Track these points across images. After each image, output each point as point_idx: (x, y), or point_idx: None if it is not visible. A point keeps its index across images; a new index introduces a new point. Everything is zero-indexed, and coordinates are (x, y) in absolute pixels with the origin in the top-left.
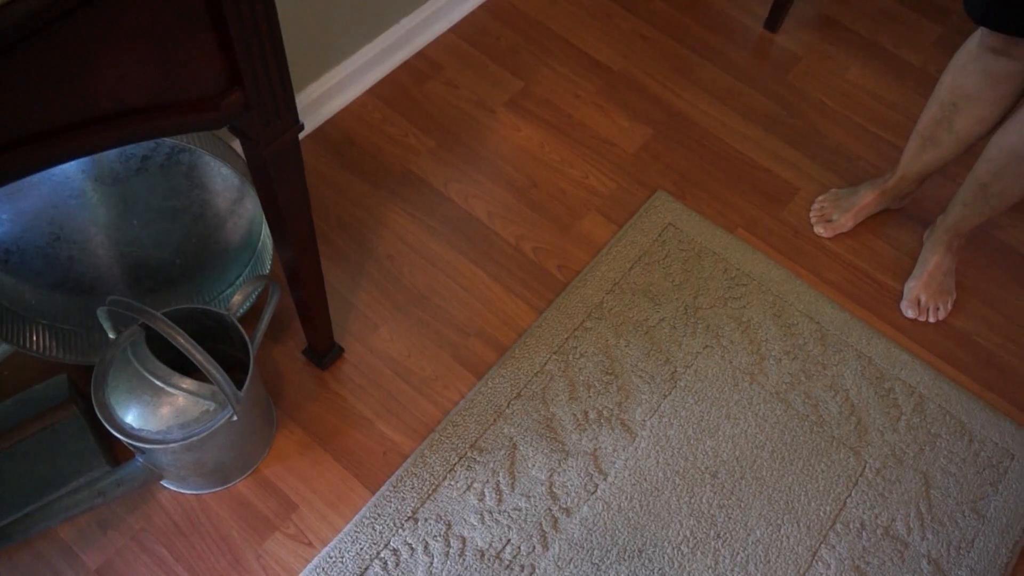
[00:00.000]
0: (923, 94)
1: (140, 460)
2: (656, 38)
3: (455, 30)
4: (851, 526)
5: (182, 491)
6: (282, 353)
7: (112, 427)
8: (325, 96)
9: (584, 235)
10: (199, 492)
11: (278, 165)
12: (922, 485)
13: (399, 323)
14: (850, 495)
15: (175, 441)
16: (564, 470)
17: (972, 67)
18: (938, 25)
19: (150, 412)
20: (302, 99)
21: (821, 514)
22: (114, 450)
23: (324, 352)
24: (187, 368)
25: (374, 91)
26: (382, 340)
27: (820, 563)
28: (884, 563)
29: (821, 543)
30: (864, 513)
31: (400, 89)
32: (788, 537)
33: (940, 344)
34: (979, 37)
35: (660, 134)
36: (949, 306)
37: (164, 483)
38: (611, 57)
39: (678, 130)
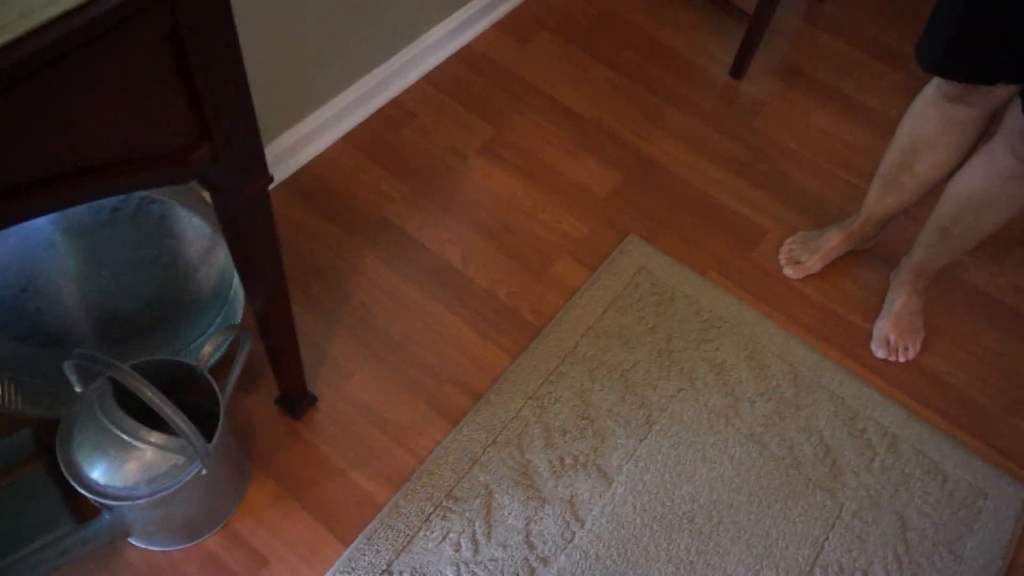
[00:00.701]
0: (885, 137)
1: (107, 517)
2: (626, 86)
3: (428, 79)
4: (829, 570)
5: (150, 547)
6: (254, 402)
7: (78, 483)
8: (299, 144)
9: (557, 279)
10: (167, 549)
11: (247, 216)
12: (899, 527)
13: (373, 370)
14: (828, 538)
15: (142, 497)
16: (541, 518)
17: (930, 113)
18: (898, 72)
19: (116, 467)
20: (276, 147)
21: (799, 558)
22: (80, 506)
23: (297, 401)
24: (156, 421)
25: (348, 138)
26: (356, 388)
27: None
28: None
29: None
30: (842, 556)
31: (374, 136)
32: None
33: (911, 383)
34: (936, 84)
35: (631, 179)
36: (918, 345)
37: (131, 540)
38: (582, 104)
39: (648, 175)
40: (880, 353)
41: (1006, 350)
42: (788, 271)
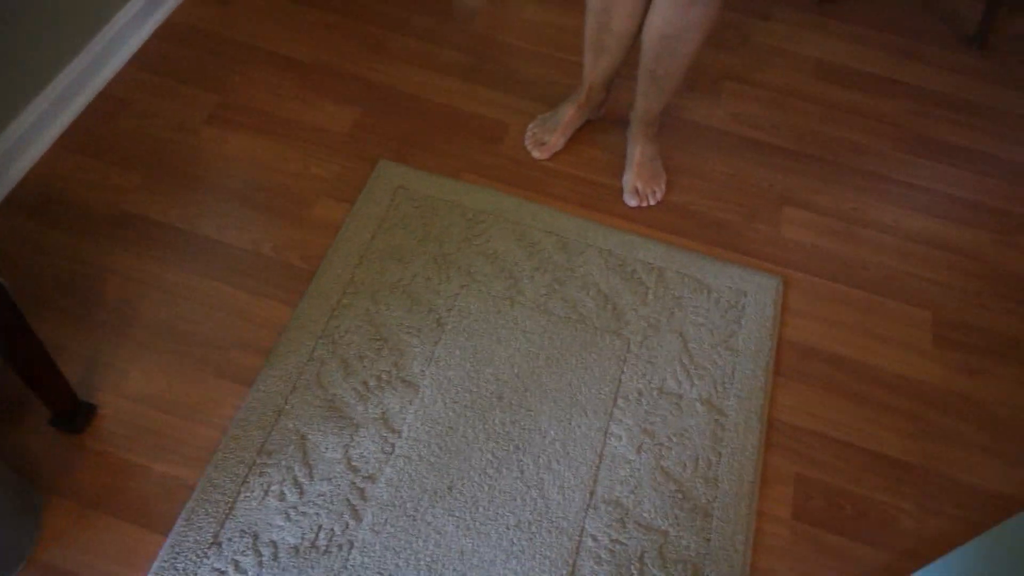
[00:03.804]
0: None
1: None
2: (340, 23)
3: (134, 63)
4: (630, 398)
5: None
6: (26, 431)
7: None
8: (5, 160)
9: (319, 221)
10: None
11: None
12: (680, 342)
13: (150, 361)
14: (623, 372)
15: None
16: (358, 442)
17: None
18: None
19: None
20: None
21: (603, 396)
22: None
23: (72, 416)
24: None
25: (61, 143)
26: (136, 383)
27: (613, 438)
28: (666, 417)
29: (609, 421)
30: (639, 383)
31: (89, 134)
32: (579, 427)
33: (664, 221)
34: None
35: (369, 109)
36: (663, 186)
37: None
38: (301, 51)
39: (384, 101)
40: (632, 202)
41: (735, 170)
42: (536, 153)
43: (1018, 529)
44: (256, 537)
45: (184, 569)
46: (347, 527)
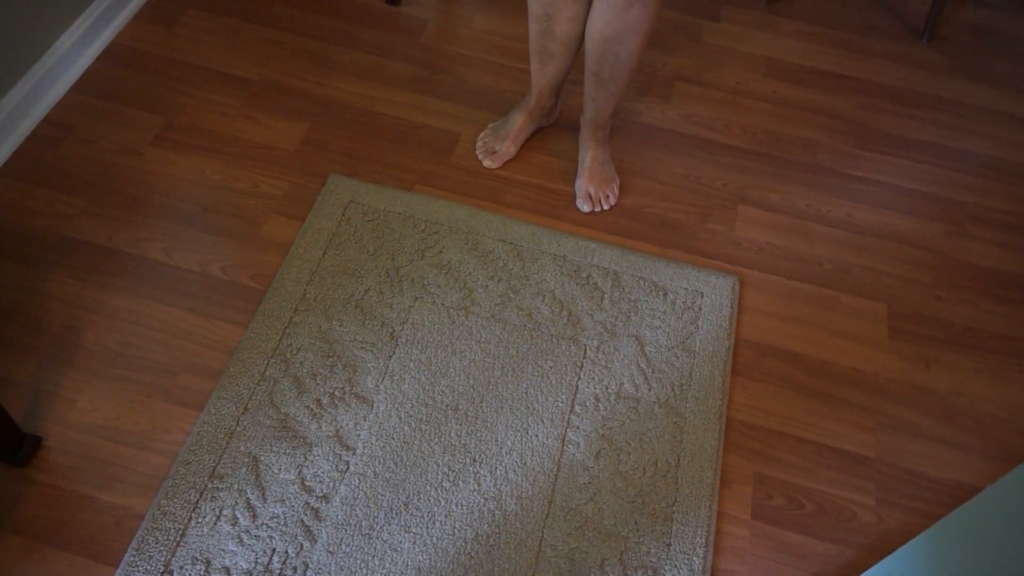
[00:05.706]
0: None
1: None
2: (287, 40)
3: (77, 88)
4: (587, 404)
5: None
6: None
7: None
8: None
9: (269, 239)
10: None
11: None
12: (636, 346)
13: (97, 389)
14: (580, 378)
15: None
16: (312, 461)
17: None
18: None
19: None
20: None
21: (560, 404)
22: None
23: (15, 448)
24: None
25: (3, 170)
26: (83, 413)
27: (571, 445)
28: (624, 422)
29: (567, 429)
30: (595, 388)
31: (32, 161)
32: (537, 435)
33: (618, 224)
34: None
35: (317, 125)
36: (616, 190)
37: None
38: (248, 69)
39: (333, 116)
40: (585, 208)
41: (688, 171)
42: (487, 162)
43: (967, 517)
44: (208, 564)
45: None
46: (301, 549)
